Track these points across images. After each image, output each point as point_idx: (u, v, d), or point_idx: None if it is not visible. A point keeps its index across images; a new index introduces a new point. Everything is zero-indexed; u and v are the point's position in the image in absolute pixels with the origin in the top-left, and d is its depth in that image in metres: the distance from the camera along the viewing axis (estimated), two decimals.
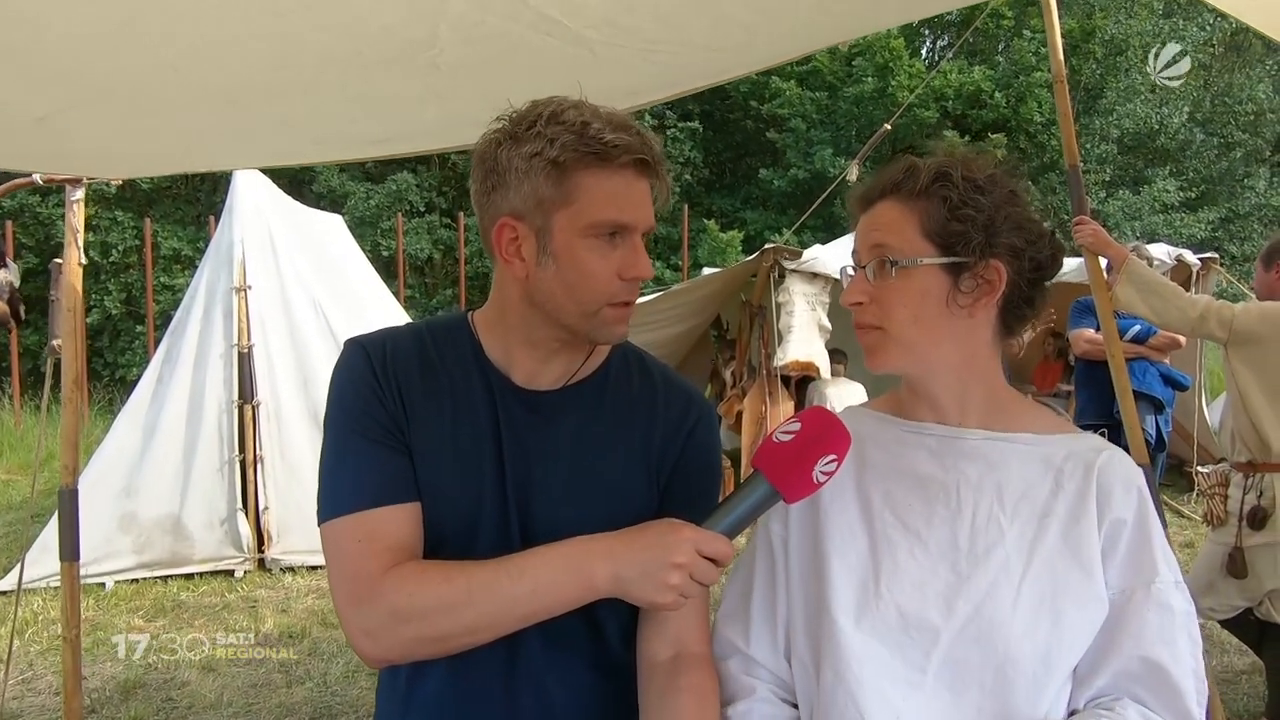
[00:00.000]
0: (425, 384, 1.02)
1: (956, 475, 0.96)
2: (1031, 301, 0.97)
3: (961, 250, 0.92)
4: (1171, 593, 0.90)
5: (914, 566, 0.92)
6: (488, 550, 0.97)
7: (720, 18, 1.41)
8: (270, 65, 1.36)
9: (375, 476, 0.97)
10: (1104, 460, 0.94)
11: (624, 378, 1.09)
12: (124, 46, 1.23)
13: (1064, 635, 0.88)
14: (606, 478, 1.04)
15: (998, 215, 0.93)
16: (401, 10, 1.24)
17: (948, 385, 0.98)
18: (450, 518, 1.00)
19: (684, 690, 0.99)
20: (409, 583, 0.92)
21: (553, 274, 0.96)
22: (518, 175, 0.94)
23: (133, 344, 12.94)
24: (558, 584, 0.91)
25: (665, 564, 0.89)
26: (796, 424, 0.94)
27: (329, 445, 1.00)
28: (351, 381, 1.01)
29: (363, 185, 14.33)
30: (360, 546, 0.94)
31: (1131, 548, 0.90)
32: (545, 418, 1.04)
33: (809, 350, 6.13)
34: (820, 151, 14.98)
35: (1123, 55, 15.50)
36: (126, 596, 4.72)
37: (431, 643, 0.93)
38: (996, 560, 0.90)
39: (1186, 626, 0.90)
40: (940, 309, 0.93)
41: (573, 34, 1.32)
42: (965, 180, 0.93)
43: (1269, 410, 2.85)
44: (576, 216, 0.94)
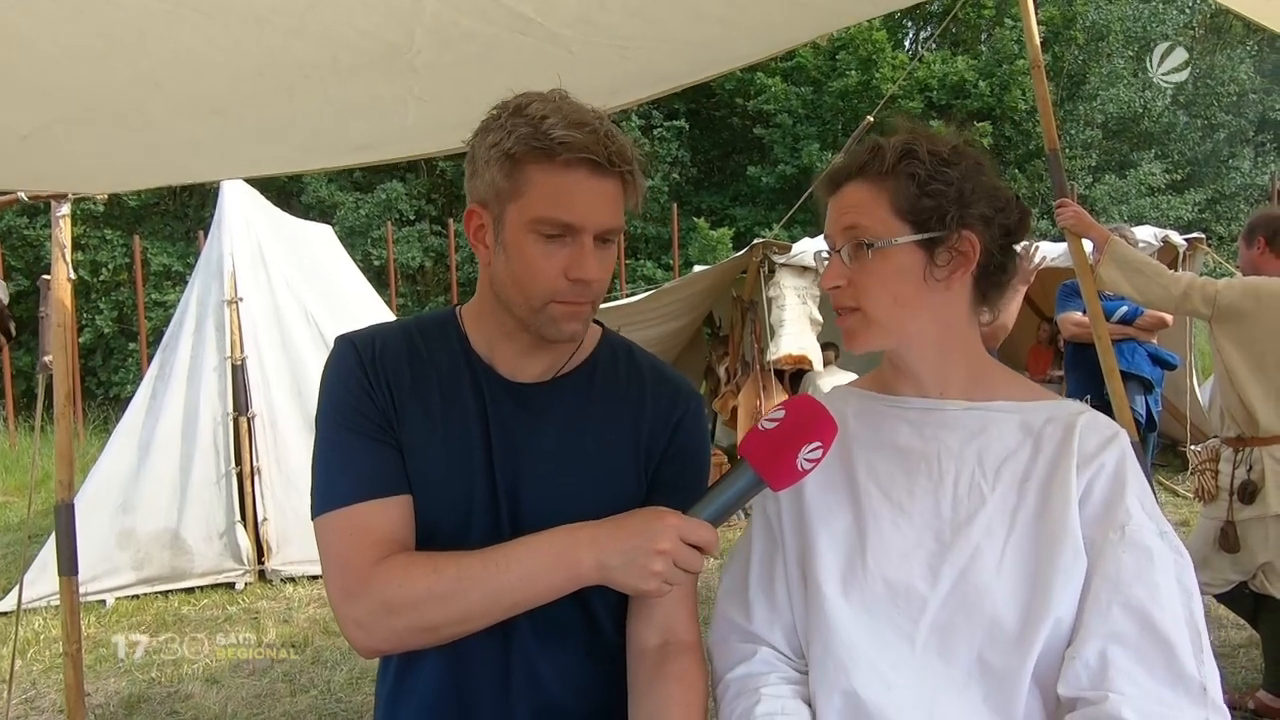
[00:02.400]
0: (414, 379, 1.03)
1: (937, 445, 0.97)
2: (1004, 267, 0.99)
3: (934, 225, 0.93)
4: (1149, 536, 0.88)
5: (898, 537, 0.94)
6: (480, 542, 0.97)
7: (695, 14, 1.42)
8: (250, 73, 1.37)
9: (366, 471, 0.98)
10: (1085, 420, 0.95)
11: (611, 369, 1.10)
12: (105, 61, 1.24)
13: (1049, 593, 0.87)
14: (595, 469, 1.04)
15: (966, 186, 0.94)
16: (377, 15, 1.25)
17: (927, 358, 0.99)
18: (441, 510, 1.01)
19: (671, 677, 1.00)
20: (398, 574, 0.93)
21: (503, 264, 0.98)
22: (482, 165, 0.96)
23: (125, 361, 12.92)
24: (544, 572, 0.92)
25: (649, 551, 0.90)
26: (781, 412, 0.94)
27: (320, 441, 1.02)
28: (341, 378, 1.02)
29: (352, 195, 14.32)
30: (351, 539, 0.95)
31: (1106, 496, 0.90)
32: (533, 410, 1.04)
33: (801, 343, 6.16)
34: (807, 146, 15.01)
35: (1104, 41, 15.57)
36: (128, 612, 4.72)
37: (422, 633, 0.94)
38: (979, 526, 0.92)
39: (1173, 572, 0.87)
40: (918, 285, 0.95)
41: (548, 32, 1.33)
42: (931, 155, 0.94)
43: (1255, 385, 2.88)
44: (523, 210, 0.94)
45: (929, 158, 0.94)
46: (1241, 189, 15.97)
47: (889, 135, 0.98)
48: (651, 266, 14.77)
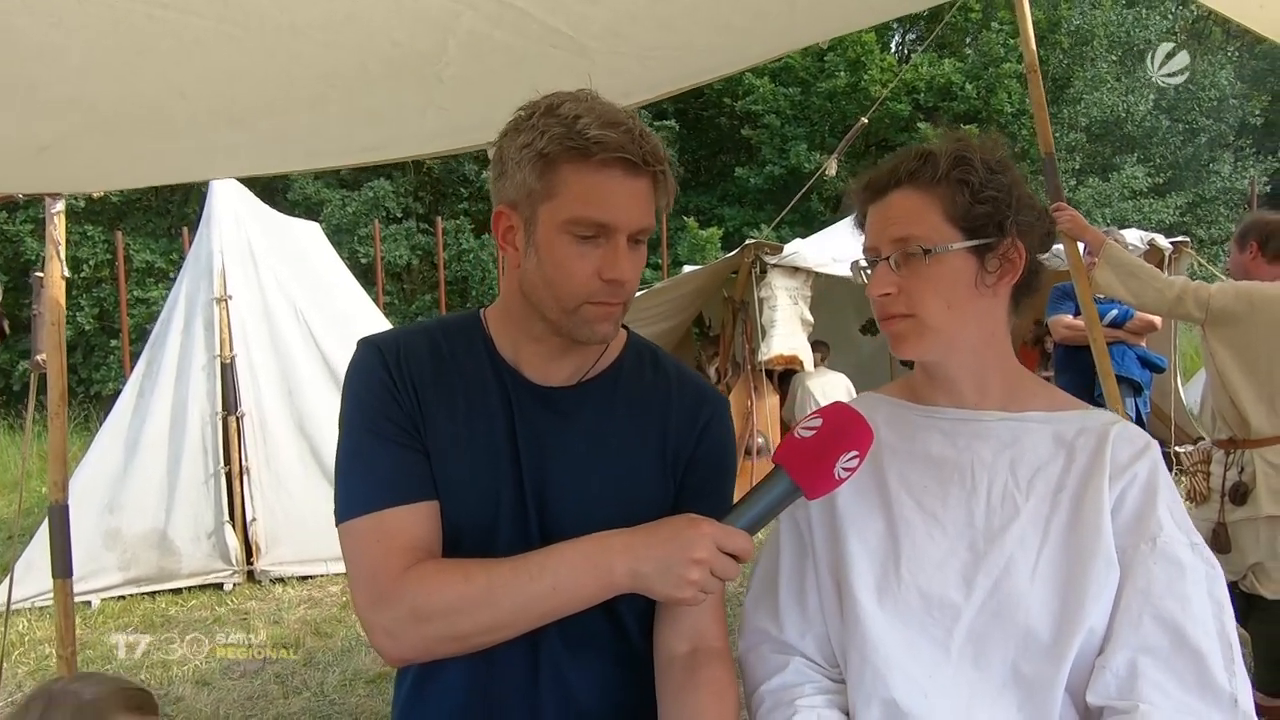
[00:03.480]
0: (439, 382, 1.02)
1: (970, 455, 0.98)
2: (1037, 273, 1.00)
3: (989, 231, 0.95)
4: (1180, 548, 0.89)
5: (932, 547, 0.94)
6: (507, 547, 0.97)
7: (721, 25, 1.42)
8: (277, 85, 1.36)
9: (392, 476, 0.97)
10: (1118, 430, 0.96)
11: (637, 373, 1.09)
12: (139, 74, 1.23)
13: (1083, 603, 0.88)
14: (623, 473, 1.04)
15: (1015, 194, 0.95)
16: (414, 27, 1.24)
17: (967, 365, 1.00)
18: (468, 515, 0.99)
19: (702, 685, 0.99)
20: (429, 581, 0.92)
21: (534, 266, 0.96)
22: (512, 166, 0.95)
23: (107, 359, 12.75)
24: (577, 581, 0.91)
25: (685, 559, 0.89)
26: (818, 420, 0.93)
27: (345, 446, 1.00)
28: (366, 382, 1.01)
29: (338, 193, 14.20)
30: (379, 546, 0.94)
31: (1137, 506, 0.91)
32: (560, 414, 1.03)
33: (792, 343, 6.17)
34: (795, 147, 15.05)
35: (1088, 45, 15.73)
36: (114, 614, 4.66)
37: (451, 641, 0.93)
38: (1013, 536, 0.92)
39: (1204, 584, 0.87)
40: (969, 291, 0.96)
41: (577, 45, 1.33)
42: (984, 163, 0.95)
43: (1247, 388, 2.92)
44: (556, 211, 0.93)
45: (981, 166, 0.95)
46: (1222, 192, 16.18)
47: (935, 143, 0.98)
48: None
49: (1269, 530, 2.96)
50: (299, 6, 1.12)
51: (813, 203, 14.68)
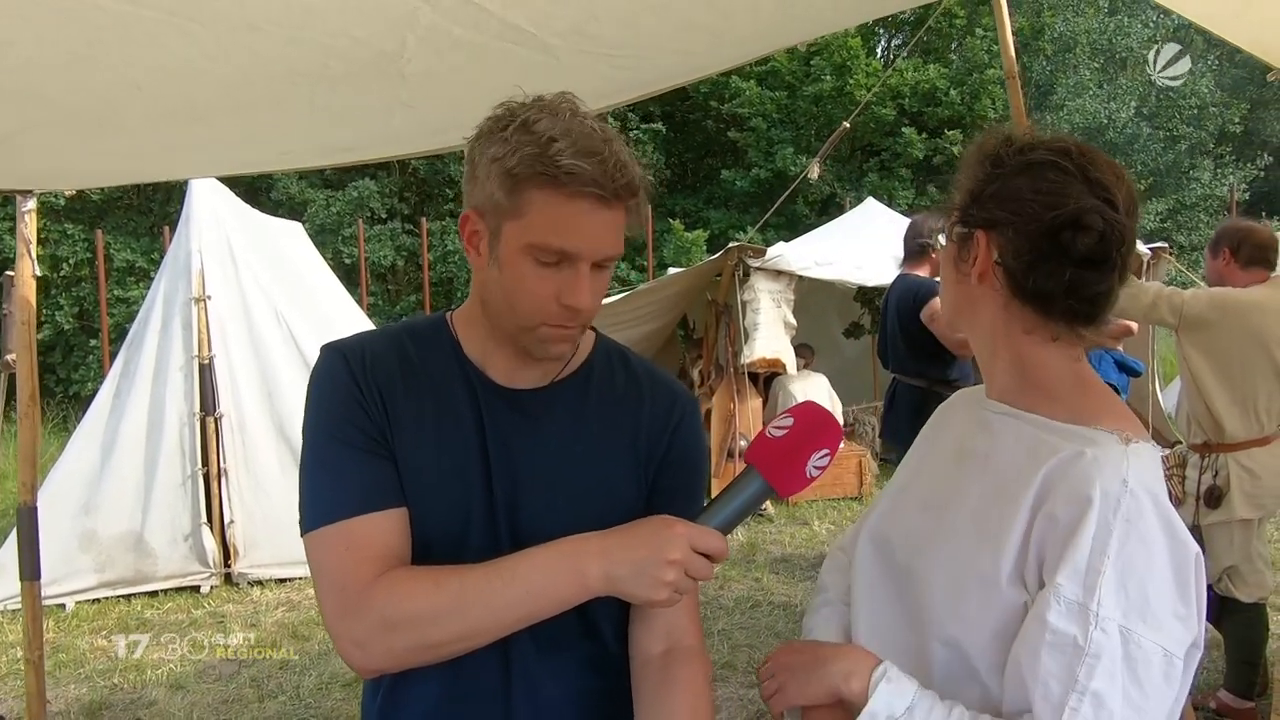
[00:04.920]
0: (407, 388, 1.00)
1: (972, 443, 1.01)
2: (1042, 284, 0.92)
3: (965, 221, 0.97)
4: (1053, 607, 0.82)
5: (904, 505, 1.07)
6: (477, 553, 0.95)
7: (684, 23, 1.42)
8: (237, 82, 1.34)
9: (359, 484, 0.95)
10: (1067, 457, 0.88)
11: (607, 374, 1.09)
12: (89, 66, 1.20)
13: (969, 613, 0.91)
14: (595, 476, 1.03)
15: (990, 187, 0.94)
16: (373, 24, 1.23)
17: (980, 354, 1.03)
18: (438, 522, 0.98)
19: (677, 683, 1.00)
20: (399, 590, 0.90)
21: (496, 279, 0.96)
22: (481, 174, 0.93)
23: (86, 359, 12.60)
24: (551, 585, 0.90)
25: (660, 561, 0.88)
26: (789, 419, 0.94)
27: (309, 455, 0.98)
28: (331, 388, 0.99)
29: (322, 193, 14.12)
30: (347, 555, 0.92)
31: (1053, 549, 0.85)
32: (530, 417, 1.02)
33: (775, 346, 6.19)
34: (781, 150, 15.10)
35: (1071, 53, 15.89)
36: (89, 617, 4.60)
37: (423, 650, 0.91)
38: (946, 524, 0.98)
39: (1062, 651, 0.81)
40: (954, 276, 1.01)
41: (540, 42, 1.32)
42: (985, 152, 0.97)
43: (1221, 393, 2.95)
44: (521, 232, 0.91)
45: (983, 155, 0.96)
46: (1202, 199, 16.38)
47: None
48: (626, 268, 14.74)
49: (1243, 533, 3.00)
50: (255, 2, 1.10)
51: (798, 206, 14.73)
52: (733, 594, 4.68)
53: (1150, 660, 0.81)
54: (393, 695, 1.03)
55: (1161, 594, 0.82)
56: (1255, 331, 2.90)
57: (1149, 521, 0.84)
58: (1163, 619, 0.82)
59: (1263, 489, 2.96)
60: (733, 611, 4.44)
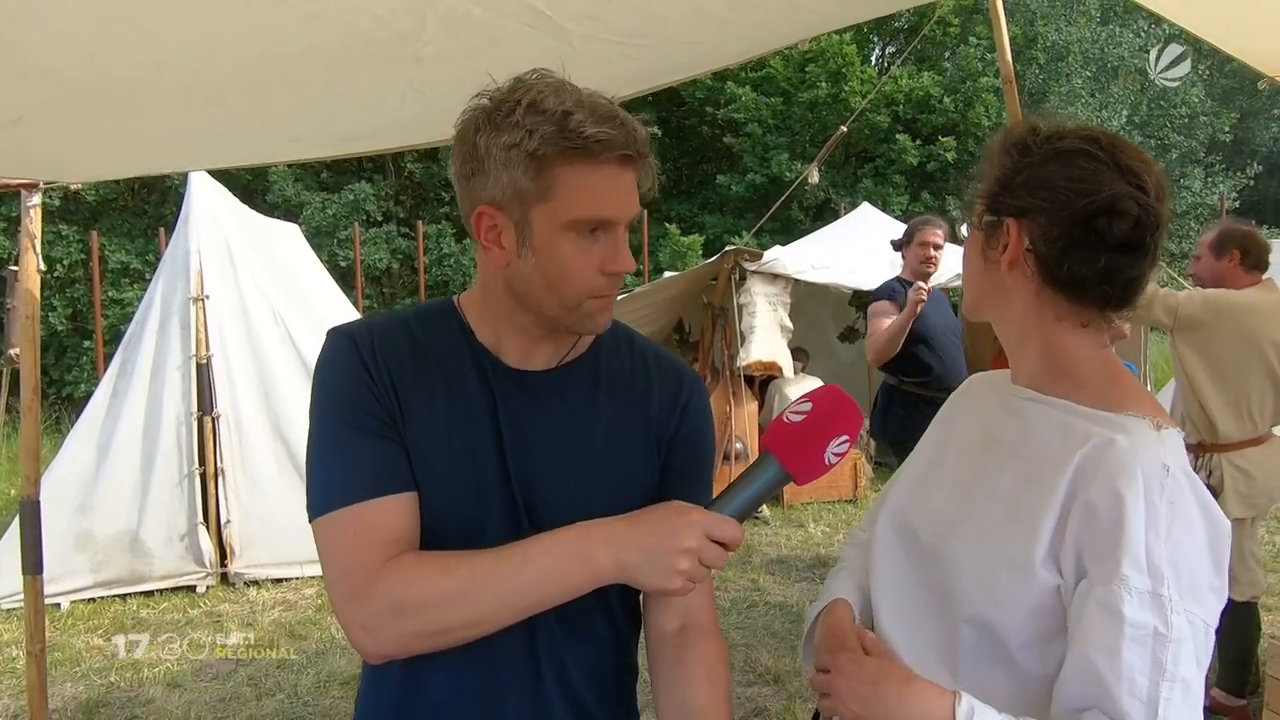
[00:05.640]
0: (417, 371, 0.99)
1: (1000, 429, 1.01)
2: (1075, 270, 0.93)
3: (993, 209, 0.98)
4: (1126, 599, 0.81)
5: (927, 487, 1.07)
6: (497, 536, 0.94)
7: (695, 11, 1.44)
8: (255, 61, 1.35)
9: (369, 467, 0.94)
10: (1100, 443, 0.89)
11: (616, 355, 1.09)
12: (110, 43, 1.21)
13: (1000, 594, 0.91)
14: (610, 456, 1.03)
15: (1020, 176, 0.95)
16: (394, 1, 1.24)
17: (1009, 341, 1.03)
18: (453, 506, 0.97)
19: (693, 660, 1.02)
20: (407, 575, 0.89)
21: (533, 266, 0.93)
22: (496, 165, 0.90)
23: (80, 360, 12.55)
24: (560, 572, 0.89)
25: (673, 549, 0.87)
26: (808, 404, 0.93)
27: (317, 439, 0.97)
28: (340, 372, 0.98)
29: (318, 195, 14.11)
30: (356, 540, 0.91)
31: (1098, 541, 0.85)
32: (542, 398, 1.02)
33: (771, 350, 6.21)
34: (777, 156, 15.16)
35: (1064, 61, 16.00)
36: (84, 616, 4.59)
37: (431, 636, 0.90)
38: (975, 508, 0.98)
39: (1144, 643, 0.81)
40: (979, 265, 1.02)
41: (555, 25, 1.34)
42: (1014, 141, 0.98)
43: (1215, 393, 2.99)
44: (556, 213, 0.90)
45: (1010, 145, 0.97)
46: (1192, 207, 16.49)
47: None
48: None
49: (1236, 532, 3.02)
50: None
51: (793, 211, 14.78)
52: (729, 595, 4.70)
53: (1200, 635, 0.83)
54: (407, 693, 1.01)
55: (1204, 570, 0.85)
56: (1249, 333, 2.93)
57: (1190, 502, 0.85)
58: (1203, 594, 0.84)
59: (1256, 489, 2.99)
60: (729, 612, 4.45)
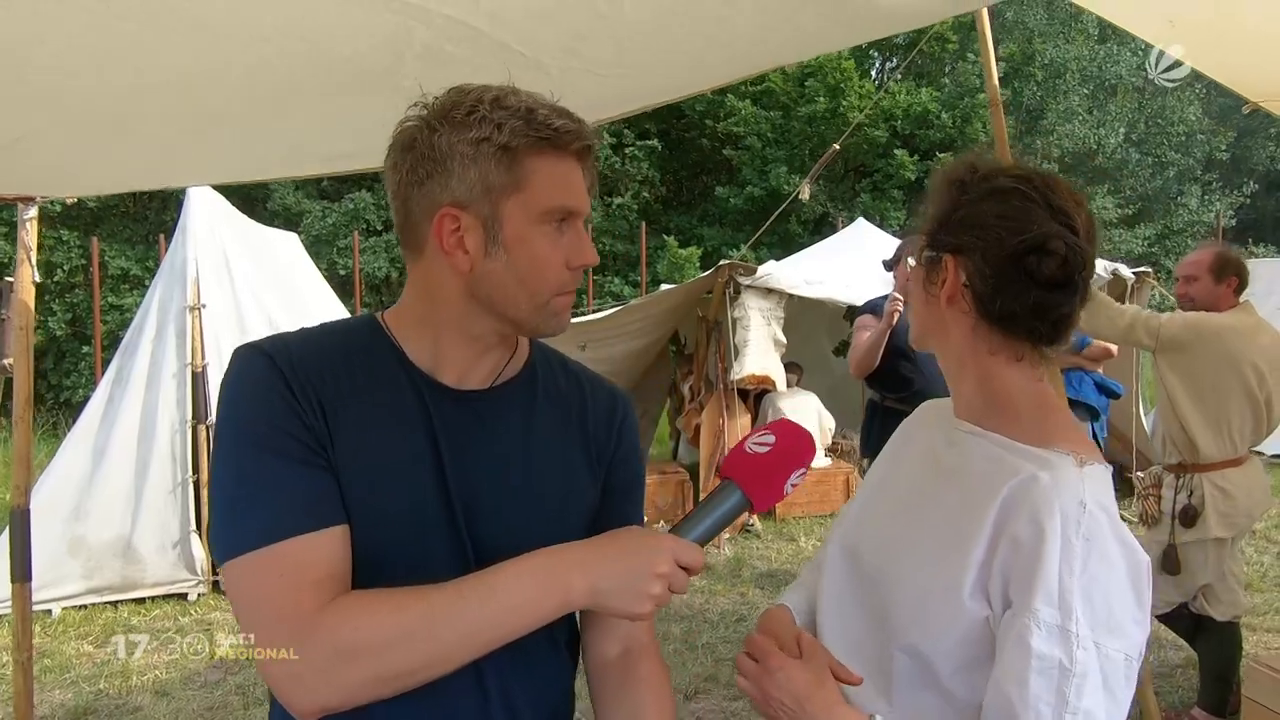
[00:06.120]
0: (344, 391, 0.92)
1: (943, 458, 1.04)
2: (1008, 306, 0.96)
3: (933, 244, 1.01)
4: (1035, 632, 0.84)
5: (875, 511, 1.11)
6: (439, 566, 0.89)
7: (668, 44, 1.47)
8: (248, 87, 1.38)
9: (297, 500, 0.86)
10: (1025, 479, 0.91)
11: (550, 374, 1.06)
12: (107, 71, 1.25)
13: (931, 622, 0.94)
14: (553, 477, 1.00)
15: (958, 213, 0.98)
16: (372, 40, 1.27)
17: (950, 373, 1.06)
18: (393, 539, 0.90)
19: (638, 683, 1.01)
20: (355, 616, 0.82)
21: (504, 265, 0.91)
22: (462, 161, 0.88)
23: (78, 365, 12.59)
24: (532, 601, 0.84)
25: (648, 575, 0.86)
26: (770, 436, 0.95)
27: (230, 469, 0.88)
28: (258, 393, 0.89)
29: (318, 204, 14.19)
30: (284, 581, 0.82)
31: (1019, 573, 0.88)
32: (481, 418, 0.97)
33: (764, 363, 6.24)
34: (775, 169, 15.25)
35: (1061, 79, 16.10)
36: (75, 623, 4.60)
37: (382, 683, 0.82)
38: (913, 536, 1.00)
39: (1050, 675, 0.83)
40: (923, 298, 1.04)
41: (530, 60, 1.37)
42: (952, 179, 1.01)
43: (1195, 414, 3.02)
44: (529, 203, 0.89)
45: (949, 182, 1.01)
46: (1189, 224, 16.57)
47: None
48: (620, 283, 14.84)
49: (1216, 552, 3.06)
50: (268, 18, 1.15)
51: (791, 225, 14.85)
52: (718, 608, 4.71)
53: (1117, 668, 0.85)
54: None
55: (1123, 603, 0.87)
56: (1229, 354, 2.97)
57: (1107, 538, 0.88)
58: (1125, 626, 0.86)
59: (1236, 508, 3.02)
60: (717, 625, 4.47)
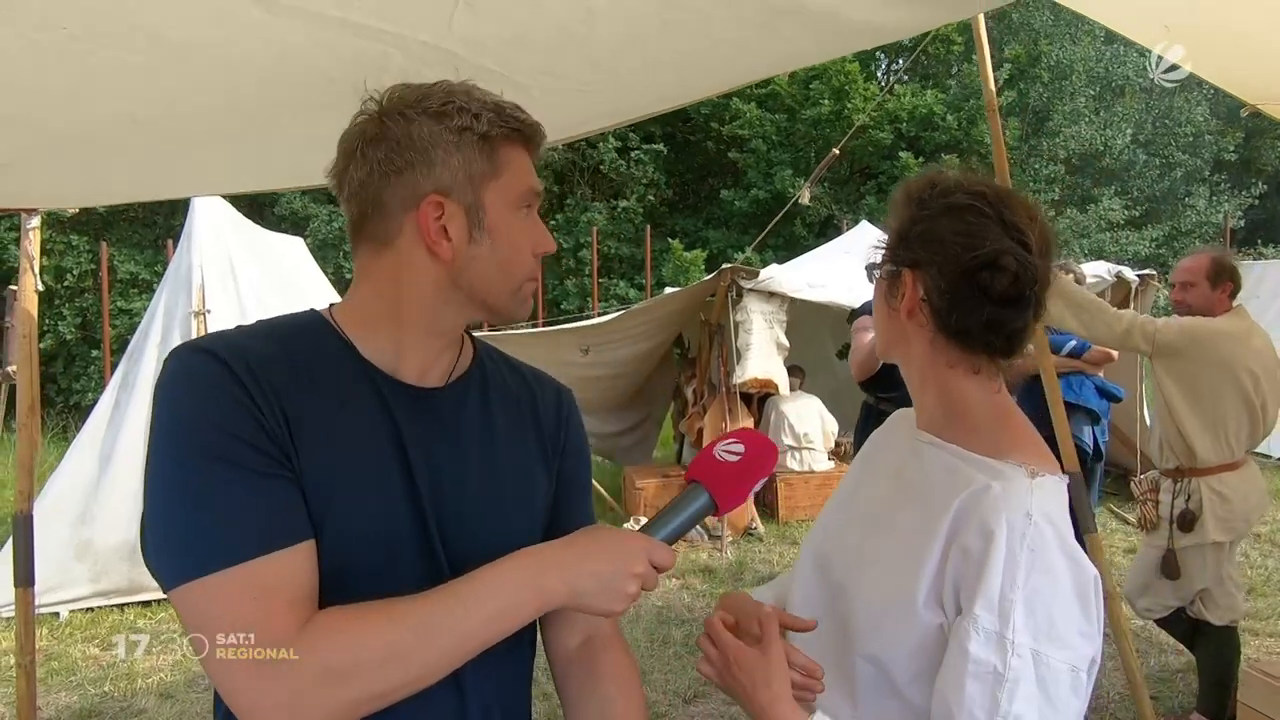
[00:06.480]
0: (305, 395, 0.87)
1: (906, 469, 1.06)
2: (962, 321, 0.98)
3: (894, 259, 1.04)
4: (973, 637, 0.87)
5: (837, 522, 1.14)
6: (413, 576, 0.87)
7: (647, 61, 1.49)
8: (226, 113, 1.41)
9: (260, 514, 0.80)
10: (977, 490, 0.93)
11: (498, 371, 1.07)
12: (87, 102, 1.28)
13: (889, 631, 0.96)
14: (513, 472, 1.00)
15: (917, 229, 1.00)
16: (347, 66, 1.29)
17: (911, 384, 1.08)
18: (362, 549, 0.86)
19: (604, 676, 1.01)
20: (342, 635, 0.78)
21: (488, 250, 0.91)
22: (446, 149, 0.89)
23: (88, 369, 12.69)
24: (514, 607, 0.84)
25: (626, 574, 0.87)
26: (740, 445, 0.99)
27: (176, 482, 0.80)
28: (212, 398, 0.82)
29: (325, 208, 14.26)
30: (258, 604, 0.77)
31: (967, 582, 0.90)
32: (442, 416, 0.95)
33: (767, 367, 6.25)
34: (780, 172, 15.26)
35: (1067, 80, 16.05)
36: (82, 626, 4.65)
37: (370, 702, 0.79)
38: (876, 546, 1.03)
39: (984, 679, 0.86)
40: (885, 312, 1.07)
41: (511, 82, 1.39)
42: (913, 195, 1.03)
43: (1193, 419, 3.02)
44: (507, 189, 0.92)
45: (909, 198, 1.03)
46: (1197, 226, 16.48)
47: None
48: (625, 286, 14.87)
49: (1214, 556, 3.06)
50: (231, 43, 1.17)
51: (796, 227, 14.86)
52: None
53: (1059, 678, 0.87)
54: None
55: (1067, 615, 0.88)
56: (1225, 359, 2.97)
57: (1052, 550, 0.89)
58: (1068, 638, 0.88)
59: (1233, 512, 3.01)
60: None
